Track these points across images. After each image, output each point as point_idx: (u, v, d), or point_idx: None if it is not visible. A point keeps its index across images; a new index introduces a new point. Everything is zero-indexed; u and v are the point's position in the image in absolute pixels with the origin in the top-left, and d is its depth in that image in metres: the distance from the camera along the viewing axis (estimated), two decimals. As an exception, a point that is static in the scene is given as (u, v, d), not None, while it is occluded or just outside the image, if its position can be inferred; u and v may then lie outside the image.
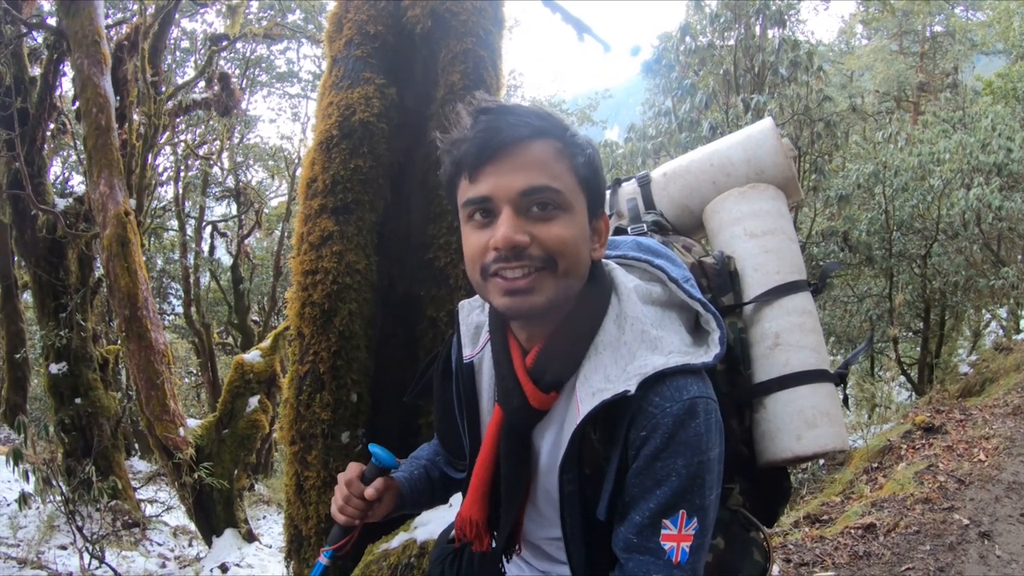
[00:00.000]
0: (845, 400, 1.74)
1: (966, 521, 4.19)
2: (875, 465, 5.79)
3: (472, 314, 1.44)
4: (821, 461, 7.58)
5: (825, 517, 4.78)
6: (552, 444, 1.26)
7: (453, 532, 1.44)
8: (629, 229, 1.76)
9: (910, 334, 11.98)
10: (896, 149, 10.51)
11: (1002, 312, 12.71)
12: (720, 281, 1.63)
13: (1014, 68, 16.38)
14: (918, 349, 11.51)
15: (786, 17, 9.79)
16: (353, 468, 1.46)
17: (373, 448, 1.45)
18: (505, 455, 1.29)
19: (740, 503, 1.53)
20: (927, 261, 10.15)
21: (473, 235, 1.18)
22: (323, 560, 1.49)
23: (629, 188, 1.97)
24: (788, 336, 1.62)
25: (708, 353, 1.20)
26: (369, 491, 1.43)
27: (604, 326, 1.22)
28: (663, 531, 1.12)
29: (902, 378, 11.77)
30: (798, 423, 1.57)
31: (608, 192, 1.98)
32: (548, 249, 1.13)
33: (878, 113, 16.09)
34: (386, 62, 3.25)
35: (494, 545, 1.35)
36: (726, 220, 1.77)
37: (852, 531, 4.22)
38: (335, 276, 2.97)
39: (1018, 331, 11.01)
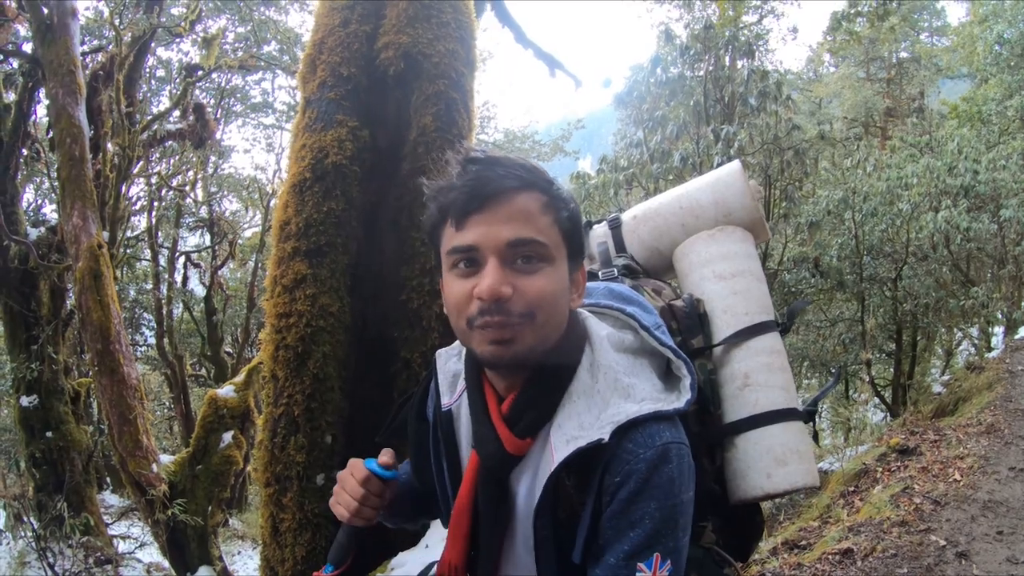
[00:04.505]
0: (815, 436, 1.77)
1: (943, 542, 4.20)
2: (851, 489, 5.80)
3: (449, 362, 1.46)
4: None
5: (803, 543, 4.77)
6: (528, 489, 1.27)
7: (431, 574, 1.44)
8: (600, 273, 1.78)
9: (883, 356, 12.10)
10: (864, 175, 10.69)
11: (973, 331, 12.89)
12: (689, 323, 1.66)
13: (979, 92, 16.79)
14: (891, 371, 11.63)
15: (755, 48, 9.98)
16: (359, 467, 1.42)
17: (371, 465, 1.41)
18: (482, 500, 1.31)
19: (713, 540, 1.54)
20: (898, 284, 10.29)
21: (456, 283, 1.19)
22: None
23: (600, 231, 1.99)
24: (757, 376, 1.65)
25: (680, 399, 1.23)
26: (386, 459, 1.42)
27: (578, 374, 1.24)
28: (638, 574, 1.13)
29: (876, 400, 11.87)
30: (768, 461, 1.60)
31: None
32: (529, 303, 1.15)
33: (847, 139, 16.37)
34: (359, 104, 3.27)
35: None
36: (695, 262, 1.81)
37: (830, 557, 4.22)
38: (309, 319, 2.97)
39: (989, 349, 11.15)
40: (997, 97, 15.33)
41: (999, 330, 12.24)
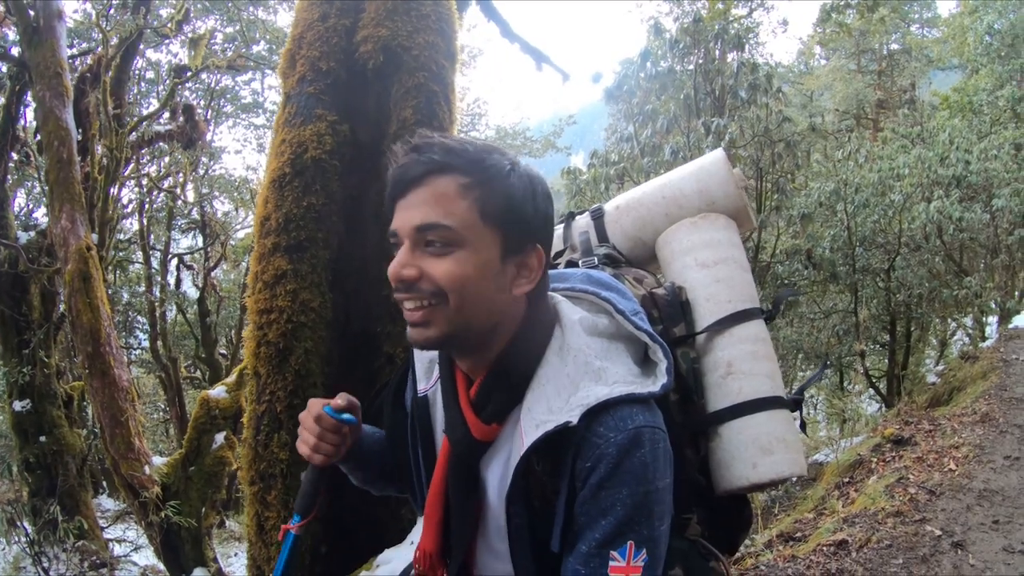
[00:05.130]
0: (802, 425, 1.75)
1: (938, 532, 4.19)
2: (846, 480, 5.81)
3: None
4: (793, 479, 7.62)
5: (798, 535, 4.77)
6: (500, 477, 1.26)
7: (414, 571, 1.43)
8: (580, 262, 1.77)
9: (877, 347, 12.12)
10: (856, 166, 10.71)
11: (967, 321, 12.92)
12: (671, 312, 1.63)
13: (969, 82, 16.86)
14: (886, 361, 11.65)
15: (744, 41, 9.99)
16: (316, 405, 1.42)
17: (327, 411, 1.39)
18: (453, 486, 1.30)
19: (699, 533, 1.51)
20: (891, 275, 10.30)
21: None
22: (293, 530, 1.43)
23: (582, 221, 1.97)
24: (741, 364, 1.62)
25: (655, 383, 1.21)
26: (339, 401, 1.40)
27: (547, 358, 1.23)
28: (611, 563, 1.12)
29: (872, 391, 11.90)
30: (753, 451, 1.57)
31: (562, 226, 1.99)
32: (437, 284, 1.15)
33: (838, 131, 16.38)
34: (339, 98, 3.24)
35: None
36: (677, 250, 1.78)
37: (824, 548, 4.21)
38: (290, 315, 2.95)
39: (983, 339, 11.18)
40: (988, 87, 15.37)
41: (993, 319, 12.28)
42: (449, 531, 1.33)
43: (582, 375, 1.19)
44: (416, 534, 1.61)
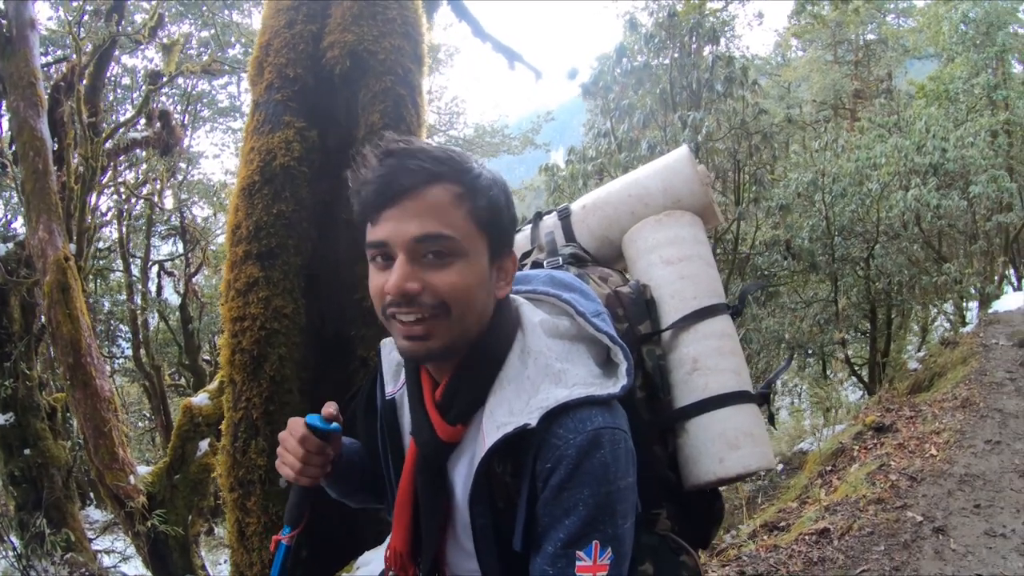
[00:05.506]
0: (771, 419, 1.77)
1: (919, 518, 4.22)
2: (829, 468, 5.85)
3: (393, 352, 1.45)
4: (780, 467, 7.68)
5: (782, 524, 4.80)
6: (464, 477, 1.27)
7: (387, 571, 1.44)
8: (546, 262, 1.78)
9: (859, 335, 12.20)
10: (833, 156, 10.77)
11: (948, 307, 13.02)
12: (636, 309, 1.63)
13: (945, 71, 16.97)
14: (868, 349, 11.74)
15: (720, 34, 10.03)
16: (298, 426, 1.39)
17: (311, 420, 1.38)
18: (421, 487, 1.32)
19: (668, 528, 1.53)
20: (870, 263, 10.37)
21: (376, 276, 1.20)
22: (285, 541, 1.42)
23: (549, 221, 1.98)
24: (706, 360, 1.63)
25: (616, 385, 1.22)
26: (330, 410, 1.40)
27: (508, 360, 1.24)
28: (578, 562, 1.13)
29: (854, 379, 11.98)
30: (720, 446, 1.58)
31: (529, 226, 2.00)
32: (440, 296, 1.15)
33: (816, 122, 16.46)
34: (307, 104, 3.24)
35: None
36: (642, 248, 1.79)
37: (806, 537, 4.24)
38: (263, 322, 2.95)
39: (964, 324, 11.29)
40: (963, 75, 15.49)
41: (973, 305, 12.40)
42: (419, 531, 1.34)
43: (542, 377, 1.20)
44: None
